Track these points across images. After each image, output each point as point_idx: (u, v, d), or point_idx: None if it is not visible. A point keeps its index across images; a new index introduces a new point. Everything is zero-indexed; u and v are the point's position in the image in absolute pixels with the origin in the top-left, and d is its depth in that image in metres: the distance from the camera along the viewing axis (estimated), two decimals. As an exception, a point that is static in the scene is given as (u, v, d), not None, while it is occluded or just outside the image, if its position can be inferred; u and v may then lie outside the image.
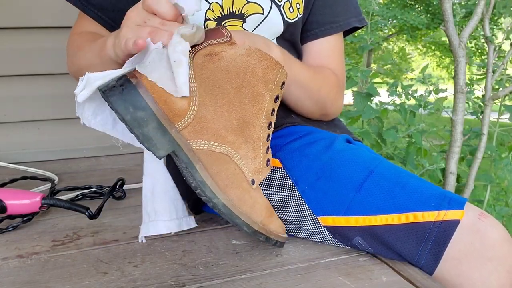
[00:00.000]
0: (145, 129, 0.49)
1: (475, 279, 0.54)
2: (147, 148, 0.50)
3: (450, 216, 0.55)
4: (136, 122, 0.49)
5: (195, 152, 0.52)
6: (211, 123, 0.53)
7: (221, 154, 0.53)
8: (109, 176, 1.06)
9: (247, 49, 0.56)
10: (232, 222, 0.53)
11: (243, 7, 0.74)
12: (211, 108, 0.53)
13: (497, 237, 0.55)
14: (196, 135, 0.52)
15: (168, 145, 0.50)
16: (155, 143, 0.50)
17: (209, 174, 0.52)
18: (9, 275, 0.56)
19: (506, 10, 2.07)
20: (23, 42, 1.18)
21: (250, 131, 0.56)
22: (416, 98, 2.21)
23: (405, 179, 0.60)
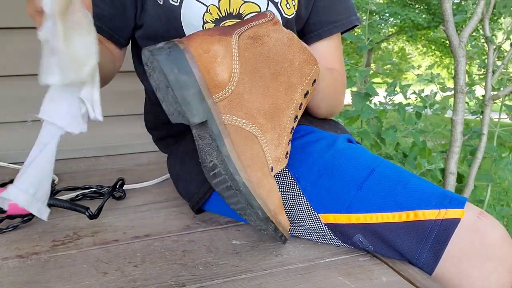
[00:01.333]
0: (185, 93, 0.50)
1: (474, 278, 0.54)
2: (183, 111, 0.50)
3: (451, 215, 0.55)
4: (178, 84, 0.50)
5: (226, 126, 0.53)
6: (245, 102, 0.54)
7: (250, 134, 0.54)
8: (109, 176, 1.06)
9: (289, 39, 0.59)
10: (246, 204, 0.53)
11: (240, 7, 0.74)
12: (247, 88, 0.55)
13: (497, 236, 0.55)
14: (230, 110, 0.53)
15: (203, 114, 0.51)
16: (191, 108, 0.50)
17: (235, 150, 0.53)
18: (9, 275, 0.56)
19: (506, 10, 2.07)
20: (23, 42, 1.18)
21: (279, 118, 0.57)
22: (422, 98, 2.21)
23: (406, 178, 0.60)
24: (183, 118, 0.52)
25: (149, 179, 0.99)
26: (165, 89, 0.51)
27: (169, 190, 0.92)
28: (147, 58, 0.51)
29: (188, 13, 0.73)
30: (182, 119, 0.52)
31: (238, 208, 0.58)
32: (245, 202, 0.54)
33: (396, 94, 2.22)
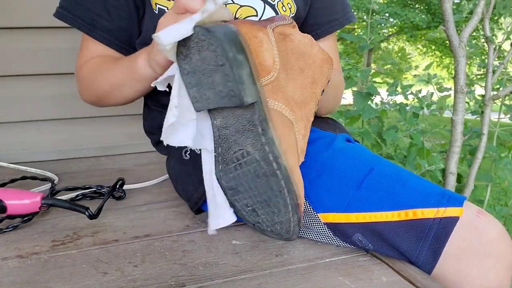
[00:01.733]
0: (242, 71, 0.50)
1: (473, 276, 0.55)
2: (237, 90, 0.50)
3: (449, 213, 0.55)
4: (236, 62, 0.49)
5: (270, 110, 0.54)
6: (284, 89, 0.56)
7: (288, 120, 0.55)
8: (109, 176, 1.06)
9: (310, 39, 0.62)
10: (284, 188, 0.53)
11: (236, 12, 0.75)
12: (284, 78, 0.56)
13: (495, 234, 0.55)
14: (273, 94, 0.54)
15: (255, 94, 0.51)
16: (245, 88, 0.50)
17: (277, 134, 0.53)
18: (9, 275, 0.56)
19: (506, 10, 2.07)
20: (23, 42, 1.18)
21: (306, 110, 0.59)
22: (419, 98, 2.21)
23: (405, 177, 0.60)
24: (232, 98, 0.51)
25: (149, 179, 0.99)
26: (213, 68, 0.50)
27: (169, 190, 0.92)
28: (201, 34, 0.50)
29: None
30: (227, 101, 0.51)
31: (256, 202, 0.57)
32: (277, 189, 0.53)
33: (398, 94, 2.22)
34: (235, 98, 0.51)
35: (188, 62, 0.52)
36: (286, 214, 0.55)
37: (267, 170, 0.53)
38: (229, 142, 0.55)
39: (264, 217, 0.58)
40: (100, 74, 0.77)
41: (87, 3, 0.77)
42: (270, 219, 0.58)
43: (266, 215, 0.58)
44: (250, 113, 0.53)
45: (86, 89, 0.82)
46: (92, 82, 0.79)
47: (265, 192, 0.55)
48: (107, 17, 0.76)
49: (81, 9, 0.77)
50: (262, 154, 0.53)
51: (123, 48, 0.79)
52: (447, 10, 1.71)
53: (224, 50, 0.49)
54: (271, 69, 0.55)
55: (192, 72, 0.53)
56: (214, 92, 0.52)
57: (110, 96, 0.78)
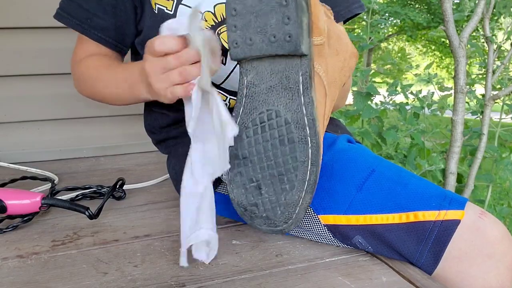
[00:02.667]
0: (303, 18, 0.49)
1: (475, 276, 0.54)
2: (296, 36, 0.48)
3: (451, 216, 0.55)
4: (301, 6, 0.48)
5: (314, 70, 0.53)
6: (325, 58, 0.55)
7: (324, 88, 0.54)
8: (109, 176, 1.06)
9: (344, 30, 0.64)
10: (309, 158, 0.50)
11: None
12: (327, 49, 0.56)
13: (497, 234, 0.55)
14: (318, 58, 0.54)
15: (307, 46, 0.50)
16: (303, 36, 0.49)
17: (316, 98, 0.52)
18: (9, 275, 0.56)
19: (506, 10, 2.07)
20: (23, 42, 1.18)
21: (333, 90, 0.58)
22: (419, 98, 2.21)
23: (406, 178, 0.60)
24: (285, 44, 0.49)
25: (149, 179, 0.99)
26: (272, 9, 0.48)
27: (169, 190, 0.92)
28: None
29: None
30: (277, 47, 0.49)
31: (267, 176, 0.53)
32: (302, 159, 0.50)
33: (398, 94, 2.22)
34: (289, 44, 0.48)
35: (241, 2, 0.49)
36: (299, 192, 0.51)
37: (296, 135, 0.50)
38: (256, 101, 0.51)
39: (268, 196, 0.53)
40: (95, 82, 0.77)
41: (83, 3, 0.77)
42: (275, 199, 0.53)
43: (272, 194, 0.53)
44: (295, 69, 0.50)
45: (81, 86, 0.83)
46: (88, 84, 0.80)
47: (284, 163, 0.51)
48: (102, 16, 0.76)
49: (78, 9, 0.77)
50: (296, 116, 0.50)
51: (117, 47, 0.80)
52: (447, 10, 1.71)
53: None
54: (322, 33, 0.54)
55: (243, 13, 0.49)
56: (263, 36, 0.49)
57: (106, 101, 0.80)
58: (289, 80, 0.50)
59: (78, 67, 0.81)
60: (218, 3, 0.73)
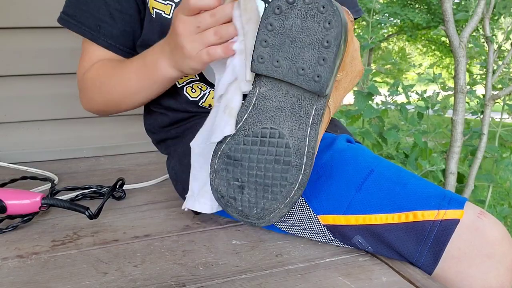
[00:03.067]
0: (337, 62, 0.49)
1: (474, 277, 0.54)
2: (325, 80, 0.48)
3: (450, 216, 0.55)
4: (340, 51, 0.48)
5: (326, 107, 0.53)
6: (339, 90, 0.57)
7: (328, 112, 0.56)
8: (109, 176, 1.06)
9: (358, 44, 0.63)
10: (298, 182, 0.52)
11: None
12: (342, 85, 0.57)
13: (496, 235, 0.55)
14: (333, 92, 0.56)
15: (331, 88, 0.50)
16: (331, 81, 0.49)
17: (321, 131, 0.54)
18: (9, 275, 0.56)
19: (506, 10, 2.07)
20: (23, 42, 1.18)
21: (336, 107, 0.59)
22: (424, 99, 2.21)
23: (405, 178, 0.60)
24: (311, 82, 0.48)
25: (149, 179, 0.99)
26: (311, 44, 0.47)
27: (169, 190, 0.92)
28: (322, 2, 0.47)
29: None
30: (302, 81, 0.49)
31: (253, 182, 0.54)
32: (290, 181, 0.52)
33: (399, 94, 2.22)
34: (316, 84, 0.47)
35: (281, 20, 0.48)
36: (278, 204, 0.53)
37: (293, 161, 0.50)
38: (263, 115, 0.51)
39: (248, 197, 0.55)
40: (109, 82, 0.74)
41: (90, 9, 0.75)
42: (254, 201, 0.55)
43: (252, 197, 0.55)
44: (310, 101, 0.49)
45: (92, 98, 0.79)
46: (100, 90, 0.76)
47: (273, 179, 0.52)
48: (111, 22, 0.75)
49: (85, 15, 0.76)
50: (298, 144, 0.50)
51: (128, 53, 0.78)
52: (447, 10, 1.71)
53: (339, 34, 0.45)
54: (345, 68, 0.54)
55: (279, 32, 0.48)
56: (292, 64, 0.48)
57: (120, 103, 0.76)
58: (301, 109, 0.51)
59: (86, 77, 0.78)
60: None
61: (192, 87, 0.77)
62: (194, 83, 0.77)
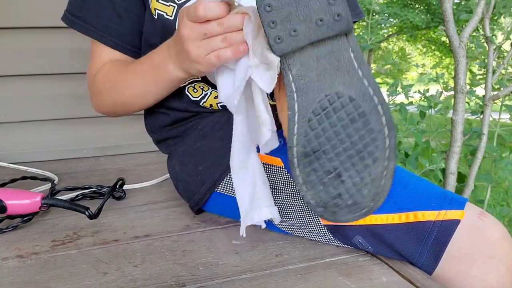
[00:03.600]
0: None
1: (474, 277, 0.54)
2: (346, 13, 0.47)
3: (450, 216, 0.55)
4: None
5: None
6: None
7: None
8: (109, 176, 1.06)
9: None
10: (385, 125, 0.48)
11: None
12: None
13: (497, 235, 0.55)
14: None
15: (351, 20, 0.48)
16: (350, 13, 0.47)
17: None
18: (9, 275, 0.56)
19: (506, 10, 2.07)
20: (23, 42, 1.18)
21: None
22: (427, 98, 2.20)
23: (406, 178, 0.60)
24: (335, 24, 0.47)
25: (149, 179, 0.99)
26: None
27: (169, 190, 0.92)
28: None
29: None
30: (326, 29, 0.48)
31: (345, 159, 0.50)
32: (378, 128, 0.49)
33: (398, 94, 2.22)
34: (340, 23, 0.47)
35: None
36: (382, 162, 0.49)
37: (366, 108, 0.48)
38: (311, 91, 0.49)
39: (351, 180, 0.51)
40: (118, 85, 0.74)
41: (96, 8, 0.74)
42: (359, 180, 0.51)
43: (355, 176, 0.51)
44: (343, 47, 0.48)
45: (102, 100, 0.79)
46: (109, 93, 0.76)
47: (361, 138, 0.49)
48: (117, 21, 0.74)
49: (91, 15, 0.75)
50: (360, 90, 0.48)
51: (136, 53, 0.78)
52: (447, 10, 1.71)
53: None
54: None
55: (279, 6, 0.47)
56: (309, 23, 0.47)
57: (130, 105, 0.76)
58: (340, 60, 0.49)
59: (95, 79, 0.78)
60: None
61: (194, 87, 0.77)
62: (196, 83, 0.77)
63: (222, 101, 0.58)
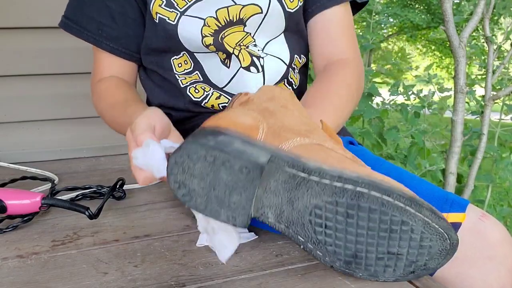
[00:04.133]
0: (232, 147, 0.49)
1: (475, 278, 0.54)
2: (246, 159, 0.48)
3: (452, 219, 0.55)
4: (222, 144, 0.49)
5: (291, 150, 0.49)
6: (283, 127, 0.52)
7: (313, 145, 0.50)
8: (109, 176, 1.06)
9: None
10: (378, 196, 0.43)
11: (240, 12, 0.72)
12: (275, 119, 0.53)
13: (498, 237, 0.55)
14: (279, 138, 0.51)
15: (263, 152, 0.49)
16: (251, 153, 0.48)
17: (318, 160, 0.47)
18: (9, 275, 0.56)
19: (506, 10, 2.07)
20: (23, 42, 1.18)
21: (318, 132, 0.53)
22: (421, 98, 2.21)
23: (406, 180, 0.60)
24: (249, 174, 0.50)
25: (149, 179, 0.99)
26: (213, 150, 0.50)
27: (169, 190, 0.92)
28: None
29: (186, 29, 0.72)
30: (247, 183, 0.51)
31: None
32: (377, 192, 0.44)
33: (399, 94, 2.23)
34: (255, 161, 0.48)
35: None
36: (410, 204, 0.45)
37: (349, 183, 0.44)
38: (303, 215, 0.48)
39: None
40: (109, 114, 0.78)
41: (91, 12, 0.75)
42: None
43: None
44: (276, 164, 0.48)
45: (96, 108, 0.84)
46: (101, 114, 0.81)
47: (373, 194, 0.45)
48: (112, 25, 0.75)
49: (86, 19, 0.75)
50: (324, 174, 0.46)
51: (133, 56, 0.79)
52: (447, 10, 1.71)
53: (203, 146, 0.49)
54: (258, 125, 0.52)
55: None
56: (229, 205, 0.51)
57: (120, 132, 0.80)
58: (291, 176, 0.49)
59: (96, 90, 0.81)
60: (220, 7, 0.72)
61: (195, 88, 0.77)
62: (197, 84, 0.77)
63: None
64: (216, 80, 0.76)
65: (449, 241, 0.43)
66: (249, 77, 0.75)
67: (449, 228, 0.42)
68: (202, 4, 0.71)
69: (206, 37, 0.71)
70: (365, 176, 0.44)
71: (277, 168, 0.48)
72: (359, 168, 0.46)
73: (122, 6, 0.74)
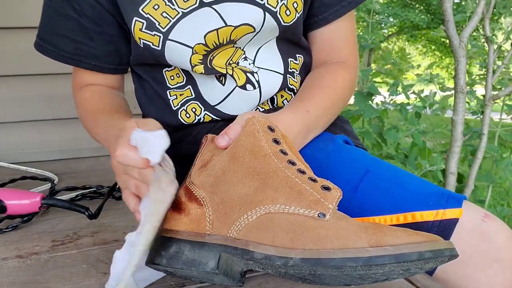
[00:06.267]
0: (183, 259, 0.49)
1: (480, 281, 0.54)
2: (201, 270, 0.48)
3: (449, 215, 0.55)
4: (173, 260, 0.49)
5: (239, 237, 0.47)
6: (230, 203, 0.49)
7: (261, 218, 0.47)
8: (109, 176, 1.06)
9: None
10: (331, 269, 0.42)
11: (231, 35, 0.67)
12: (225, 192, 0.50)
13: (502, 238, 0.54)
14: (227, 222, 0.48)
15: (212, 253, 0.48)
16: (200, 262, 0.48)
17: (267, 244, 0.46)
18: (9, 275, 0.56)
19: (506, 10, 2.07)
20: (23, 42, 1.18)
21: (273, 179, 0.49)
22: (421, 98, 2.21)
23: (402, 178, 0.60)
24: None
25: (149, 179, 0.99)
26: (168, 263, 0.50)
27: (169, 190, 0.92)
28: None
29: (173, 57, 0.68)
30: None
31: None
32: (326, 269, 0.43)
33: (399, 94, 2.22)
34: (205, 270, 0.48)
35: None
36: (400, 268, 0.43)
37: (293, 265, 0.44)
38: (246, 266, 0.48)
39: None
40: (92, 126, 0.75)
41: (66, 31, 0.72)
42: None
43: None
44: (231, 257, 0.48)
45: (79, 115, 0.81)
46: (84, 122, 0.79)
47: (321, 272, 0.44)
48: (91, 44, 0.72)
49: (62, 40, 0.73)
50: (273, 264, 0.45)
51: (114, 69, 0.77)
52: (447, 10, 1.71)
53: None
54: (204, 213, 0.51)
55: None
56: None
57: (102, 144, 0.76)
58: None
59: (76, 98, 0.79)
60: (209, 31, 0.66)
61: (186, 111, 0.75)
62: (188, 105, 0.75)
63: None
64: (209, 98, 0.73)
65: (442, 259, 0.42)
66: (246, 95, 0.72)
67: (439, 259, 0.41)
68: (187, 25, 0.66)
69: (196, 66, 0.68)
70: (313, 252, 0.43)
71: (231, 260, 0.48)
72: (310, 232, 0.44)
73: (99, 26, 0.71)
